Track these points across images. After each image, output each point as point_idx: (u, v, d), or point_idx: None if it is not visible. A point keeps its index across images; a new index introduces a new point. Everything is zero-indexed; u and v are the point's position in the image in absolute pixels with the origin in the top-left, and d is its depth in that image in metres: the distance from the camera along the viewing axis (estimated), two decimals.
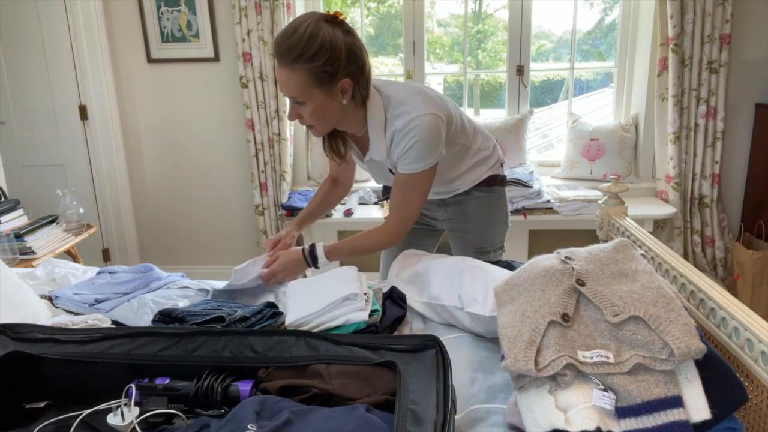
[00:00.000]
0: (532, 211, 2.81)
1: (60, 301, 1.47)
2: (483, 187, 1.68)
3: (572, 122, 3.20)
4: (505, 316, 1.08)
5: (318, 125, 1.40)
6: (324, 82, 1.30)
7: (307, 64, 1.27)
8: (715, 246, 3.03)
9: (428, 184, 1.49)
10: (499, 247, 1.79)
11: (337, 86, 1.32)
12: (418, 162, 1.42)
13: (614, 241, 1.17)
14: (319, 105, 1.34)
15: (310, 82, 1.30)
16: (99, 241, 3.40)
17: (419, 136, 1.38)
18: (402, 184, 1.48)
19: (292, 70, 1.29)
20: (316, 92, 1.32)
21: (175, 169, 3.40)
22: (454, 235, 1.79)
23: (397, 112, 1.41)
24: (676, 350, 0.88)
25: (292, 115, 1.39)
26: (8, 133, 3.24)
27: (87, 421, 0.97)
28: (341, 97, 1.35)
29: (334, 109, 1.37)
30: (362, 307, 1.19)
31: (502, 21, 3.42)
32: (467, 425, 1.01)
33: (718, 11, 2.73)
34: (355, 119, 1.44)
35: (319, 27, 1.28)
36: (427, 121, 1.38)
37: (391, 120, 1.41)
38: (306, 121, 1.39)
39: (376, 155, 1.49)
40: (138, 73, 3.26)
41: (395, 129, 1.40)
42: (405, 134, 1.38)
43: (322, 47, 1.27)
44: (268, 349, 1.06)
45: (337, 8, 3.52)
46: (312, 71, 1.28)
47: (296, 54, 1.27)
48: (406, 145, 1.39)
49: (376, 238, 1.55)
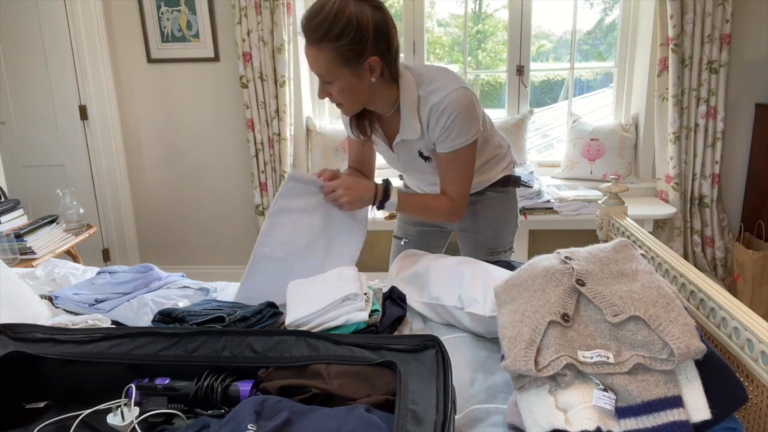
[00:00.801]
0: (532, 211, 2.80)
1: (60, 301, 1.47)
2: (497, 187, 1.68)
3: (572, 122, 3.20)
4: (505, 316, 1.08)
5: (347, 104, 1.39)
6: (351, 61, 1.29)
7: (333, 44, 1.26)
8: (715, 246, 3.03)
9: (474, 158, 1.47)
10: (509, 248, 1.78)
11: (365, 65, 1.31)
12: (461, 136, 1.40)
13: (614, 241, 1.16)
14: (346, 83, 1.32)
15: (337, 61, 1.28)
16: (99, 241, 3.40)
17: (459, 109, 1.37)
18: (449, 162, 1.46)
19: (318, 49, 1.28)
20: (344, 71, 1.30)
21: (175, 169, 3.40)
22: (464, 236, 1.78)
23: (430, 88, 1.39)
24: (676, 350, 0.88)
25: (321, 93, 1.37)
26: (8, 133, 3.24)
27: (87, 421, 0.97)
28: (369, 75, 1.33)
29: (363, 88, 1.35)
30: (362, 307, 1.19)
31: (502, 21, 3.42)
32: (467, 425, 1.01)
33: (718, 11, 2.73)
34: (386, 98, 1.42)
35: (346, 4, 1.25)
36: (463, 95, 1.37)
37: (425, 96, 1.40)
38: (335, 99, 1.37)
39: (407, 134, 1.45)
40: (138, 73, 3.26)
41: (432, 104, 1.38)
42: (443, 110, 1.37)
43: (348, 26, 1.25)
44: (268, 349, 1.05)
45: None
46: (338, 50, 1.27)
47: (322, 33, 1.25)
48: (446, 122, 1.38)
49: (442, 204, 1.50)
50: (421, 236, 1.81)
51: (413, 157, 1.53)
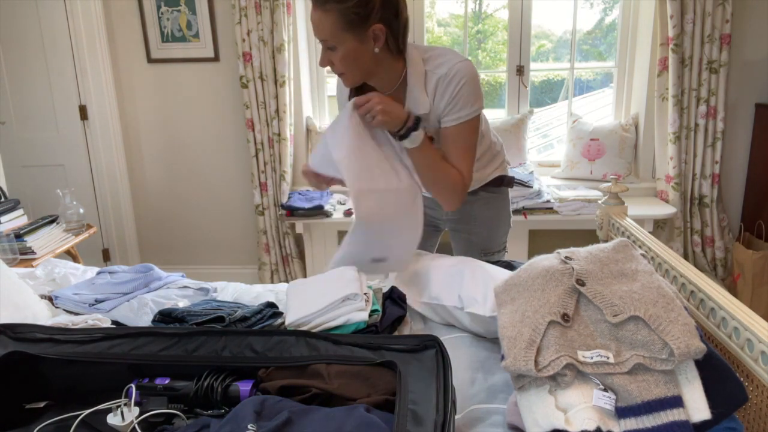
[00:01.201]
0: (532, 211, 2.80)
1: (60, 301, 1.47)
2: (490, 187, 1.67)
3: (572, 122, 3.20)
4: (505, 316, 1.08)
5: (349, 72, 1.36)
6: (355, 26, 1.28)
7: (338, 5, 1.25)
8: (715, 246, 3.03)
9: (476, 136, 1.46)
10: (502, 248, 1.78)
11: (369, 31, 1.29)
12: (467, 107, 1.39)
13: (614, 241, 1.17)
14: (350, 50, 1.31)
15: (341, 25, 1.27)
16: (99, 241, 3.40)
17: (466, 77, 1.37)
18: (455, 137, 1.43)
19: (324, 11, 1.27)
20: (347, 36, 1.29)
21: (175, 169, 3.40)
22: (457, 236, 1.77)
23: (436, 62, 1.39)
24: (676, 350, 0.88)
25: (323, 61, 1.35)
26: (8, 133, 3.24)
27: (87, 421, 0.97)
28: (373, 44, 1.32)
29: (366, 56, 1.33)
30: (362, 307, 1.19)
31: (502, 21, 3.42)
32: (467, 425, 1.01)
33: (718, 11, 2.73)
34: (390, 71, 1.40)
35: None
36: (468, 65, 1.38)
37: (432, 70, 1.39)
38: (337, 68, 1.35)
39: (415, 107, 1.42)
40: (138, 73, 3.26)
41: (439, 76, 1.38)
42: (451, 79, 1.37)
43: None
44: (268, 349, 1.06)
45: None
46: (343, 13, 1.26)
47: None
48: (454, 90, 1.37)
49: (454, 175, 1.43)
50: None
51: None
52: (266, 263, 3.32)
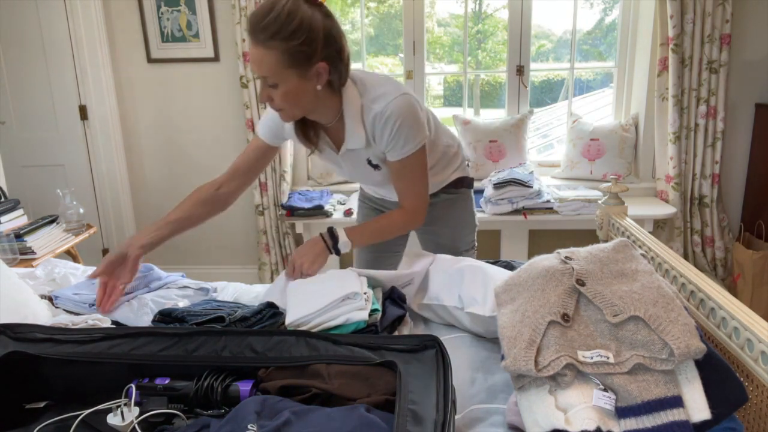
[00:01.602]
0: (532, 211, 2.80)
1: (60, 301, 1.47)
2: (451, 188, 1.68)
3: (572, 122, 3.20)
4: (505, 316, 1.08)
5: (289, 109, 1.34)
6: (299, 64, 1.25)
7: (283, 43, 1.22)
8: (715, 246, 3.03)
9: (425, 161, 1.47)
10: (471, 246, 1.79)
11: (313, 69, 1.27)
12: (409, 143, 1.39)
13: (614, 241, 1.16)
14: (292, 87, 1.28)
15: (285, 63, 1.24)
16: (99, 241, 3.40)
17: (403, 117, 1.36)
18: (400, 170, 1.45)
19: (267, 48, 1.23)
20: (290, 73, 1.26)
21: (175, 168, 3.40)
22: (425, 238, 1.79)
23: (373, 96, 1.37)
24: (676, 350, 0.88)
25: (263, 97, 1.32)
26: (8, 133, 3.24)
27: (87, 421, 0.97)
28: (316, 81, 1.29)
29: (308, 94, 1.31)
30: (362, 307, 1.19)
31: (502, 21, 3.42)
32: (467, 425, 1.01)
33: (718, 11, 2.73)
34: (329, 107, 1.39)
35: (298, 6, 1.23)
36: (404, 101, 1.36)
37: (368, 105, 1.38)
38: (276, 104, 1.33)
39: (353, 144, 1.43)
40: (138, 73, 3.26)
41: (375, 113, 1.36)
42: (387, 118, 1.35)
43: (300, 26, 1.22)
44: (268, 349, 1.05)
45: (338, 8, 3.52)
46: (288, 51, 1.23)
47: (273, 31, 1.21)
48: (392, 131, 1.37)
49: (397, 221, 1.51)
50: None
51: (361, 165, 1.51)
52: (266, 263, 3.32)
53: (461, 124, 3.16)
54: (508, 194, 2.77)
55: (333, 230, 1.47)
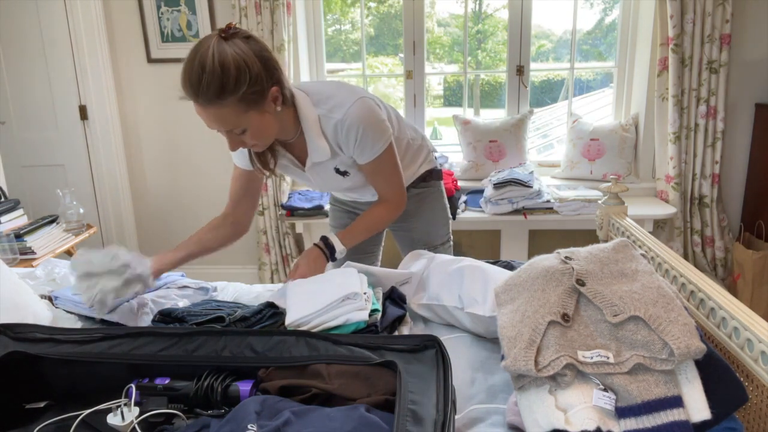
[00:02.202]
0: (532, 211, 2.81)
1: (60, 301, 1.47)
2: (420, 182, 1.68)
3: (572, 122, 3.20)
4: (505, 316, 1.08)
5: (261, 142, 1.33)
6: (256, 103, 1.23)
7: (234, 94, 1.18)
8: (715, 246, 3.03)
9: (395, 156, 1.47)
10: (446, 240, 1.79)
11: (268, 99, 1.25)
12: (377, 144, 1.40)
13: (614, 241, 1.17)
14: (257, 124, 1.27)
15: (242, 109, 1.22)
16: (99, 241, 3.40)
17: (365, 121, 1.35)
18: (374, 169, 1.46)
19: (219, 107, 1.20)
20: (252, 114, 1.24)
21: (175, 168, 3.40)
22: (399, 235, 1.79)
23: (329, 105, 1.36)
24: (676, 350, 0.88)
25: (233, 145, 1.30)
26: (8, 133, 3.24)
27: (87, 421, 0.97)
28: (274, 106, 1.28)
29: (272, 121, 1.30)
30: (362, 307, 1.19)
31: (502, 21, 3.42)
32: (467, 425, 1.01)
33: (718, 11, 2.73)
34: (288, 123, 1.37)
35: (223, 52, 1.17)
36: (362, 105, 1.36)
37: (325, 114, 1.37)
38: (248, 145, 1.32)
39: (317, 157, 1.42)
40: (138, 73, 3.25)
41: (335, 121, 1.36)
42: (349, 127, 1.35)
43: (239, 72, 1.17)
44: (268, 349, 1.05)
45: (337, 8, 3.52)
46: (241, 99, 1.20)
47: (216, 91, 1.17)
48: (356, 137, 1.36)
49: (382, 213, 1.54)
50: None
51: (329, 175, 1.51)
52: (266, 263, 3.32)
53: (461, 124, 3.16)
54: (508, 194, 2.77)
55: (327, 240, 1.49)
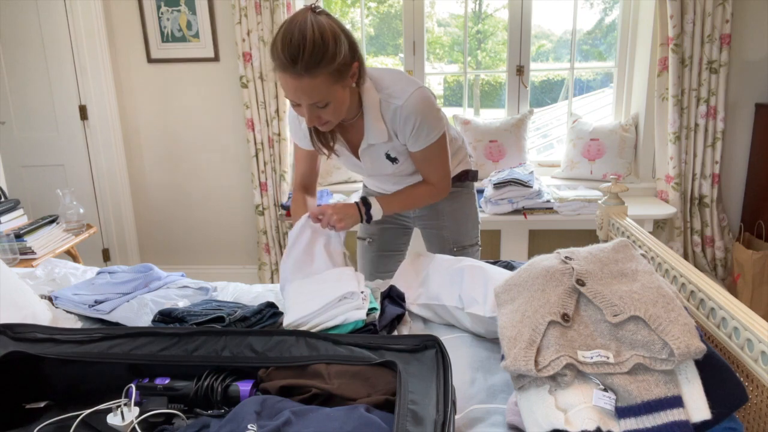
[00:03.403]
0: (532, 211, 2.80)
1: (60, 301, 1.47)
2: (455, 182, 1.70)
3: (572, 122, 3.20)
4: (505, 316, 1.08)
5: (336, 117, 1.35)
6: (343, 75, 1.27)
7: (328, 66, 1.22)
8: (715, 246, 3.03)
9: (446, 147, 1.51)
10: (475, 242, 1.80)
11: (350, 73, 1.29)
12: (432, 133, 1.44)
13: (614, 241, 1.17)
14: (339, 99, 1.30)
15: (332, 81, 1.25)
16: (99, 241, 3.40)
17: (423, 111, 1.39)
18: (425, 158, 1.49)
19: (313, 77, 1.22)
20: (337, 89, 1.27)
21: (175, 168, 3.40)
22: (428, 233, 1.80)
23: (390, 91, 1.40)
24: (676, 350, 0.88)
25: (312, 120, 1.31)
26: (8, 133, 3.24)
27: (87, 421, 0.98)
28: (351, 82, 1.31)
29: (348, 97, 1.33)
30: (360, 306, 1.19)
31: (502, 21, 3.42)
32: (467, 425, 1.01)
33: (718, 11, 2.73)
34: (353, 102, 1.39)
35: (321, 22, 1.21)
36: (422, 95, 1.40)
37: (386, 99, 1.40)
38: (324, 120, 1.33)
39: (374, 138, 1.45)
40: (138, 73, 3.26)
41: (395, 107, 1.39)
42: (409, 114, 1.38)
43: (336, 42, 1.22)
44: (268, 349, 1.06)
45: (337, 8, 3.52)
46: (334, 70, 1.23)
47: (317, 60, 1.20)
48: (414, 124, 1.40)
49: (423, 192, 1.57)
50: (384, 234, 1.83)
51: (380, 160, 1.53)
52: (266, 263, 3.32)
53: (461, 124, 3.16)
54: (508, 194, 2.77)
55: (366, 199, 1.52)
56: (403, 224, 1.83)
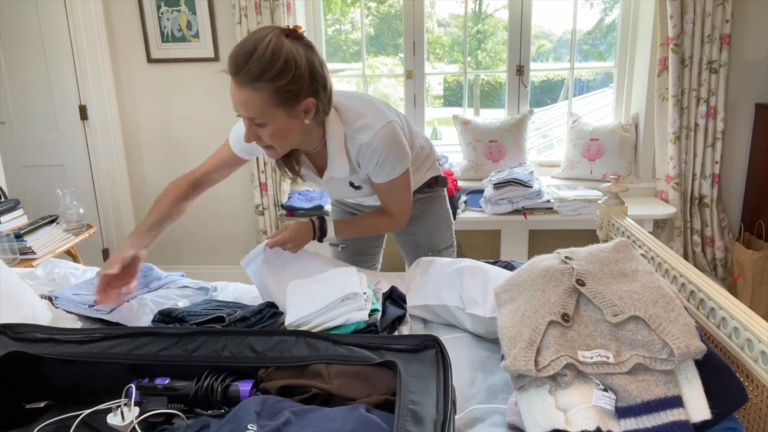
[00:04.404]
0: (532, 211, 2.80)
1: (60, 301, 1.47)
2: (424, 188, 1.70)
3: (572, 122, 3.20)
4: (505, 316, 1.08)
5: (278, 146, 1.32)
6: (287, 102, 1.23)
7: (270, 84, 1.19)
8: (715, 246, 3.03)
9: (409, 178, 1.49)
10: (450, 244, 1.80)
11: (301, 106, 1.25)
12: (395, 169, 1.42)
13: (614, 241, 1.17)
14: (280, 126, 1.26)
15: (273, 103, 1.22)
16: (99, 241, 3.40)
17: (388, 148, 1.37)
18: (386, 190, 1.48)
19: (253, 90, 1.20)
20: (279, 113, 1.24)
21: (175, 168, 3.39)
22: (402, 239, 1.80)
23: (357, 125, 1.37)
24: (676, 350, 0.88)
25: (250, 136, 1.29)
26: (8, 133, 3.24)
27: (87, 421, 0.98)
28: (304, 116, 1.28)
29: (296, 130, 1.30)
30: (362, 307, 1.19)
31: (502, 21, 3.42)
32: (467, 425, 1.01)
33: (718, 11, 2.73)
34: (314, 137, 1.38)
35: (281, 43, 1.19)
36: (391, 131, 1.37)
37: (352, 134, 1.37)
38: (264, 143, 1.31)
39: (336, 173, 1.44)
40: (138, 73, 3.25)
41: (361, 143, 1.36)
42: (374, 150, 1.36)
43: (286, 65, 1.19)
44: (268, 349, 1.06)
45: (337, 8, 3.52)
46: (276, 91, 1.20)
47: (258, 73, 1.18)
48: (379, 160, 1.38)
49: (381, 223, 1.57)
50: (357, 240, 1.83)
51: (344, 187, 1.53)
52: None
53: (461, 124, 3.16)
54: (508, 194, 2.77)
55: (324, 224, 1.52)
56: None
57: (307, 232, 1.51)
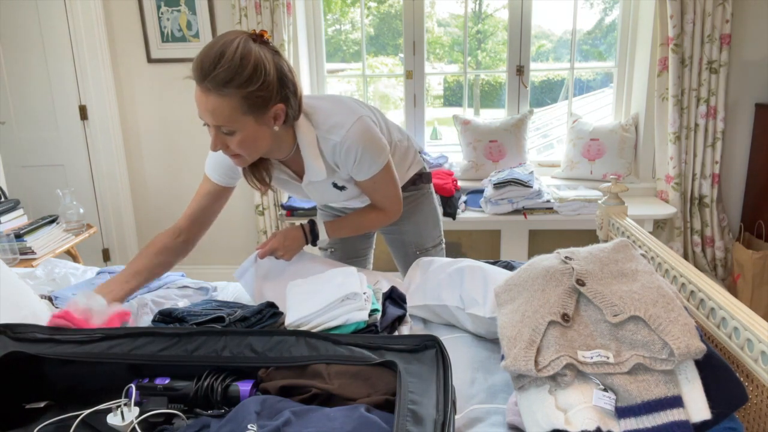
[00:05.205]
0: (532, 211, 2.81)
1: (60, 301, 1.47)
2: (409, 186, 1.67)
3: (572, 122, 3.20)
4: (505, 316, 1.08)
5: (246, 155, 1.27)
6: (256, 109, 1.19)
7: (239, 90, 1.15)
8: (715, 246, 3.03)
9: (392, 170, 1.47)
10: (438, 242, 1.78)
11: (270, 112, 1.22)
12: (375, 164, 1.39)
13: (614, 241, 1.17)
14: (249, 133, 1.22)
15: (241, 109, 1.18)
16: (99, 241, 3.40)
17: (363, 144, 1.33)
18: (372, 186, 1.46)
19: (220, 97, 1.15)
20: (248, 120, 1.20)
21: (175, 168, 3.40)
22: (390, 238, 1.78)
23: (327, 126, 1.33)
24: (676, 350, 0.88)
25: (216, 144, 1.24)
26: (8, 133, 3.24)
27: (87, 421, 0.97)
28: (273, 123, 1.24)
29: (265, 137, 1.26)
30: (362, 307, 1.19)
31: (502, 21, 3.42)
32: (467, 425, 1.01)
33: (718, 11, 2.73)
34: (284, 143, 1.34)
35: (249, 48, 1.16)
36: (362, 126, 1.34)
37: (324, 136, 1.34)
38: (232, 151, 1.26)
39: (314, 176, 1.41)
40: (138, 73, 3.26)
41: (334, 143, 1.33)
42: (348, 148, 1.33)
43: (255, 71, 1.15)
44: (268, 349, 1.05)
45: (337, 8, 3.52)
46: (245, 97, 1.16)
47: (226, 79, 1.14)
48: (355, 158, 1.35)
49: (374, 218, 1.55)
50: (345, 242, 1.81)
51: (327, 190, 1.49)
52: None
53: (461, 124, 3.17)
54: (508, 194, 2.77)
55: (314, 227, 1.51)
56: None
57: (298, 238, 1.50)
